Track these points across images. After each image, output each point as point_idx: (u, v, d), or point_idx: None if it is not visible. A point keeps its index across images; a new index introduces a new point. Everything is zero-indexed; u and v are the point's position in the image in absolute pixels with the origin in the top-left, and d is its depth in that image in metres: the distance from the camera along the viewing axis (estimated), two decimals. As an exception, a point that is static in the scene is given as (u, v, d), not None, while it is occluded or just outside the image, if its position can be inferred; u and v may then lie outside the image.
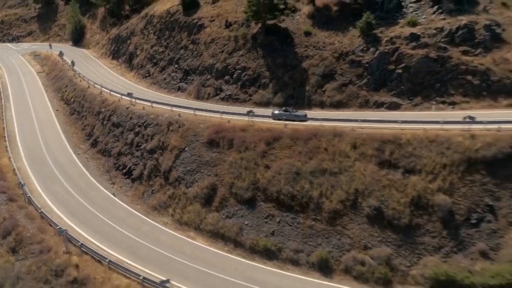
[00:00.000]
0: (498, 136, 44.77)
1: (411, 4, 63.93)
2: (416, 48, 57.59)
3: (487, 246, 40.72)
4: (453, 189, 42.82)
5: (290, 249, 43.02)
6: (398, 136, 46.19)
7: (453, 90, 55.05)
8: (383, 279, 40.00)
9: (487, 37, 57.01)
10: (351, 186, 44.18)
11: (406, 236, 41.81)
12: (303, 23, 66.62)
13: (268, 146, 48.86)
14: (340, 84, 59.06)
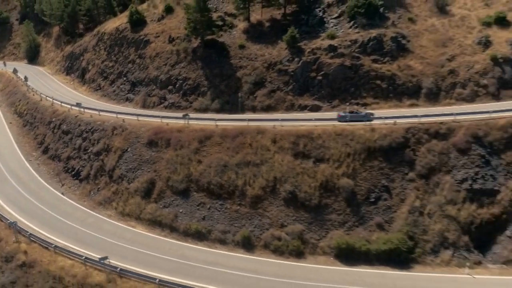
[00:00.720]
0: (393, 129, 53.71)
1: (332, 20, 73.31)
2: (333, 57, 66.56)
3: (383, 219, 49.03)
4: (355, 173, 51.08)
5: (218, 230, 49.74)
6: (311, 131, 54.29)
7: (365, 93, 64.05)
8: (296, 251, 47.29)
9: (393, 47, 66.78)
10: (271, 175, 51.64)
11: (316, 215, 49.46)
12: (238, 38, 74.64)
13: (201, 144, 55.84)
14: (270, 90, 67.05)
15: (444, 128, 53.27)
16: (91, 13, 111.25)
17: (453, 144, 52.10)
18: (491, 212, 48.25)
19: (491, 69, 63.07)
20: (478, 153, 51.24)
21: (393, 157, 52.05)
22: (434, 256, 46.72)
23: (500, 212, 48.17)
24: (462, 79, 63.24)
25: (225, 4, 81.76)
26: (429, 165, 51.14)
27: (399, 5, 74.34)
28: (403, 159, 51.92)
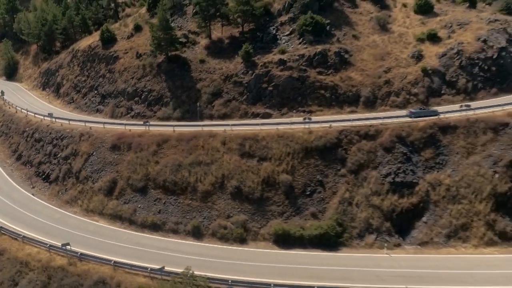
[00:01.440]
0: (328, 131, 61.54)
1: (284, 37, 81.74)
2: (283, 70, 74.69)
3: (316, 209, 56.36)
4: (294, 170, 58.50)
5: (172, 222, 56.40)
6: (256, 134, 61.82)
7: (311, 102, 72.05)
8: (240, 237, 54.13)
9: (337, 61, 75.27)
10: (219, 172, 58.74)
11: (258, 206, 56.55)
12: (200, 53, 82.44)
13: (159, 147, 62.83)
14: (226, 100, 74.62)
15: (372, 130, 61.29)
16: (67, 31, 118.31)
17: (380, 143, 60.07)
18: (410, 202, 55.97)
19: (422, 79, 71.90)
20: (401, 151, 59.24)
21: (327, 156, 59.71)
22: (359, 240, 54.02)
23: (418, 201, 55.94)
24: (396, 88, 71.86)
25: (189, 22, 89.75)
26: (359, 162, 58.90)
27: (345, 24, 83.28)
28: (336, 157, 59.63)
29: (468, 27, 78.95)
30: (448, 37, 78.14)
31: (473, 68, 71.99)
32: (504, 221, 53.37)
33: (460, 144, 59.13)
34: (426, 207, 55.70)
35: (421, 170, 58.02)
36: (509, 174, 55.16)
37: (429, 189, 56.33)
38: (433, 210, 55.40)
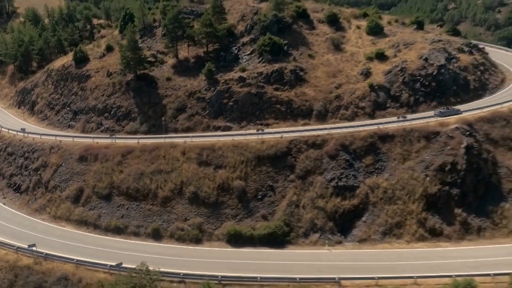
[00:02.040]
0: (279, 141, 67.85)
1: (245, 56, 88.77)
2: (243, 87, 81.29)
3: (267, 212, 62.17)
4: (247, 176, 64.42)
5: (133, 225, 61.47)
6: (213, 144, 67.79)
7: (268, 115, 78.53)
8: (195, 238, 59.48)
9: (292, 78, 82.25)
10: (178, 180, 64.29)
11: (214, 210, 62.13)
12: (167, 72, 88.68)
13: (123, 157, 68.21)
14: (189, 114, 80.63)
15: (319, 140, 67.83)
16: (43, 52, 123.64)
17: (326, 152, 66.54)
18: (351, 203, 62.19)
19: (369, 94, 79.12)
20: (344, 158, 65.74)
21: (278, 163, 65.89)
22: (305, 238, 59.85)
23: (358, 203, 62.21)
24: (345, 102, 78.89)
25: (158, 43, 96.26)
26: (306, 168, 65.16)
27: (302, 44, 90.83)
28: (286, 164, 65.83)
29: (413, 47, 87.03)
30: (394, 55, 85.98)
31: (415, 83, 79.51)
32: (433, 219, 59.88)
33: (397, 151, 65.96)
34: (366, 208, 61.95)
35: (362, 175, 64.48)
36: (439, 177, 61.94)
37: (368, 192, 62.70)
38: (371, 211, 61.67)
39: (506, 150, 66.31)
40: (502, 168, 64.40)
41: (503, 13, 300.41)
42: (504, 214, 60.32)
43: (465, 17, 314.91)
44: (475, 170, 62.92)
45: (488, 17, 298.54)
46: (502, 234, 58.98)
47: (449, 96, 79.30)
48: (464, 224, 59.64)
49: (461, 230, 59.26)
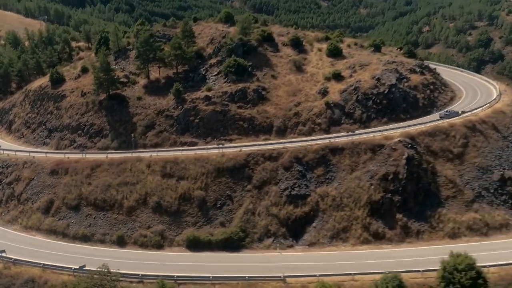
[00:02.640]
0: (238, 154, 73.77)
1: (212, 76, 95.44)
2: (208, 105, 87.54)
3: (225, 219, 67.65)
4: (207, 187, 70.01)
5: (100, 233, 66.29)
6: (177, 158, 73.42)
7: (231, 131, 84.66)
8: (157, 244, 64.48)
9: (255, 97, 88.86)
10: (143, 190, 69.58)
11: (175, 218, 67.39)
12: (138, 91, 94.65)
13: (92, 170, 73.34)
14: (158, 131, 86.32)
15: (275, 153, 73.96)
16: (22, 73, 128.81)
17: (281, 164, 72.61)
18: (303, 211, 68.02)
19: (325, 112, 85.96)
20: (297, 170, 71.84)
21: (236, 174, 71.70)
22: (259, 243, 65.30)
23: (309, 210, 68.07)
24: (303, 119, 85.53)
25: (131, 65, 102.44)
26: (262, 179, 71.05)
27: (266, 65, 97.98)
28: (243, 175, 71.66)
29: (368, 68, 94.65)
30: (350, 76, 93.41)
31: (367, 101, 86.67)
32: (377, 224, 65.95)
33: (346, 163, 72.35)
34: (316, 215, 67.82)
35: (314, 185, 70.55)
36: (382, 186, 68.33)
37: (319, 200, 68.66)
38: (321, 217, 67.55)
39: (445, 161, 73.22)
40: (441, 177, 71.16)
41: (474, 36, 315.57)
42: (441, 218, 66.76)
43: (438, 40, 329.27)
44: (416, 179, 69.54)
45: (460, 40, 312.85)
46: (438, 236, 65.27)
47: (399, 112, 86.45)
48: (404, 228, 65.84)
49: (401, 234, 65.39)
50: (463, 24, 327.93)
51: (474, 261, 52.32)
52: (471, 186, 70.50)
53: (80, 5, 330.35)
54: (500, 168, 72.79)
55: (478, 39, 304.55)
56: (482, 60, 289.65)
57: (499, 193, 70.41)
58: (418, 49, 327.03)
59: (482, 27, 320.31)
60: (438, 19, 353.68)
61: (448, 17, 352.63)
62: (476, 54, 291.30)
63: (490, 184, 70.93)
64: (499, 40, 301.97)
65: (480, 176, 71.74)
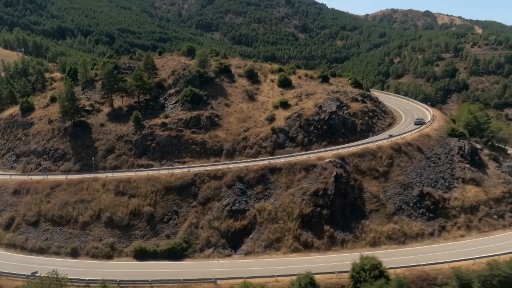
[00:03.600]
0: (186, 174, 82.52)
1: (170, 105, 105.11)
2: (164, 130, 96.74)
3: (170, 232, 75.72)
4: (156, 203, 78.35)
5: (55, 246, 73.68)
6: (130, 178, 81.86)
7: (185, 155, 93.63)
8: (107, 255, 71.99)
9: (207, 123, 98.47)
10: (97, 207, 77.56)
11: (125, 231, 75.26)
12: (101, 119, 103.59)
13: (52, 190, 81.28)
14: (117, 155, 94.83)
15: (220, 173, 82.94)
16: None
17: (224, 182, 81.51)
18: (242, 224, 76.52)
19: (271, 136, 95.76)
20: (239, 187, 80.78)
21: (183, 192, 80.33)
22: (200, 252, 73.31)
23: (247, 223, 76.61)
24: (251, 143, 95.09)
25: (97, 94, 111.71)
26: (207, 196, 79.72)
27: (221, 95, 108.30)
28: (190, 193, 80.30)
29: (313, 97, 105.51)
30: (296, 104, 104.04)
31: (309, 127, 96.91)
32: (307, 234, 74.72)
33: (283, 181, 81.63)
34: (253, 227, 76.38)
35: (253, 200, 79.42)
36: (313, 201, 77.51)
37: (256, 214, 77.38)
38: (258, 229, 76.11)
39: (371, 179, 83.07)
40: (366, 193, 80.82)
41: (441, 66, 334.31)
42: (364, 229, 75.94)
43: (408, 70, 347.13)
44: (343, 195, 79.05)
45: (427, 70, 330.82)
46: (361, 245, 74.22)
47: (338, 136, 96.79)
48: (331, 237, 74.77)
49: (328, 243, 74.26)
50: (431, 55, 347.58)
51: (379, 262, 61.51)
52: (393, 200, 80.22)
53: (61, 37, 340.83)
54: (420, 185, 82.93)
55: (445, 70, 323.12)
56: (448, 90, 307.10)
57: (418, 207, 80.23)
58: (389, 79, 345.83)
59: (448, 58, 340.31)
60: (408, 51, 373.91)
61: (418, 49, 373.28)
62: (443, 83, 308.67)
63: (410, 199, 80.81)
64: (464, 71, 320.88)
65: (402, 192, 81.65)
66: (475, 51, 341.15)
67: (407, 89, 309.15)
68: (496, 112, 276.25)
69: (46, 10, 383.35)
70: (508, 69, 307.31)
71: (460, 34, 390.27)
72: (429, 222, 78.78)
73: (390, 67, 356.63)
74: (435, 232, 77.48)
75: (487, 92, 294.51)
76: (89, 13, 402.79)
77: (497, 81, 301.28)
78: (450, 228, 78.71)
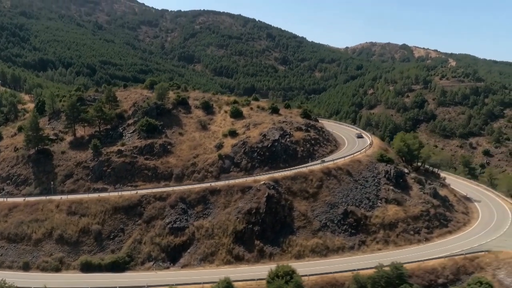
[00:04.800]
0: (133, 196, 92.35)
1: (128, 134, 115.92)
2: (120, 157, 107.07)
3: (115, 248, 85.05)
4: (104, 222, 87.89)
5: (9, 261, 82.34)
6: (82, 199, 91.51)
7: (138, 179, 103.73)
8: (56, 268, 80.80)
9: (160, 150, 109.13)
10: (50, 226, 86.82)
11: (74, 247, 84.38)
12: (64, 147, 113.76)
13: (10, 211, 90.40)
14: (75, 179, 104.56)
15: (165, 194, 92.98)
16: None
17: (168, 203, 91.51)
18: (181, 240, 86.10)
19: (217, 162, 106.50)
20: (181, 207, 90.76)
21: (130, 212, 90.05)
22: (141, 266, 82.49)
23: (186, 239, 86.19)
24: (199, 168, 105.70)
25: (61, 124, 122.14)
26: (151, 215, 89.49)
27: (176, 125, 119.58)
28: (136, 212, 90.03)
29: (260, 126, 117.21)
30: (243, 133, 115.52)
31: (253, 153, 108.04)
32: (238, 248, 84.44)
33: (221, 201, 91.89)
34: (192, 243, 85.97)
35: (193, 219, 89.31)
36: (246, 218, 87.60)
37: (195, 231, 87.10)
38: (195, 244, 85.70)
39: (302, 199, 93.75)
40: (296, 211, 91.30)
41: (411, 98, 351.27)
42: (290, 243, 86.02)
43: (380, 101, 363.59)
44: (274, 213, 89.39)
45: (398, 101, 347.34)
46: (287, 257, 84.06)
47: (279, 162, 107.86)
48: (260, 251, 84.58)
49: (257, 256, 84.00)
50: (402, 87, 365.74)
51: (292, 269, 71.42)
52: (319, 218, 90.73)
53: (42, 68, 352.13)
54: (345, 204, 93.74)
55: (414, 101, 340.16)
56: (417, 120, 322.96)
57: (341, 224, 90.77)
58: (363, 109, 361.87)
59: (418, 90, 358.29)
60: (381, 83, 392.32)
61: (390, 80, 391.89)
62: (412, 114, 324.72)
63: (335, 216, 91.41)
64: (432, 102, 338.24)
65: (328, 211, 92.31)
66: (443, 83, 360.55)
67: (378, 119, 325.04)
68: (461, 141, 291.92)
69: (29, 43, 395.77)
70: (473, 100, 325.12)
71: (430, 67, 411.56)
72: (351, 237, 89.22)
73: (363, 98, 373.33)
74: (355, 246, 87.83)
75: (453, 122, 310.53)
76: (72, 46, 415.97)
77: (463, 111, 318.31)
78: (369, 242, 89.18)
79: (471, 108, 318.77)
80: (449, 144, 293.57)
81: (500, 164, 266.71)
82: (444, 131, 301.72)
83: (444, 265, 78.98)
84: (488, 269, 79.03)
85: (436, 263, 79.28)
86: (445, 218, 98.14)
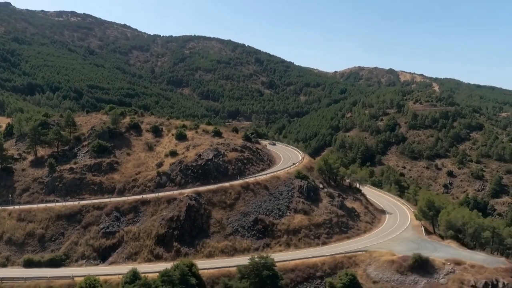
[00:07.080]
0: (75, 206, 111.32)
1: (82, 154, 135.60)
2: (71, 174, 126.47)
3: (55, 248, 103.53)
4: (47, 227, 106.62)
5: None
6: (32, 208, 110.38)
7: (85, 192, 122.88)
8: (2, 264, 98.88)
9: (107, 168, 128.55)
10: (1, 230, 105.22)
11: (20, 247, 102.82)
12: (25, 165, 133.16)
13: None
14: (31, 193, 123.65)
15: (102, 204, 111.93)
16: None
17: (105, 212, 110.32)
18: (112, 242, 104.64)
19: (155, 178, 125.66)
20: (115, 215, 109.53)
21: (71, 219, 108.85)
22: (75, 263, 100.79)
23: (116, 241, 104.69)
24: (139, 183, 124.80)
25: (25, 145, 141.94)
26: (89, 222, 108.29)
27: (126, 146, 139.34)
28: (76, 219, 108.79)
29: (198, 147, 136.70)
30: (182, 153, 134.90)
31: (187, 171, 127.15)
32: (159, 249, 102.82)
33: (150, 210, 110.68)
34: (120, 244, 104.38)
35: (124, 225, 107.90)
36: (167, 224, 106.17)
37: (124, 234, 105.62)
38: (124, 246, 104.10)
39: (219, 209, 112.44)
40: (213, 219, 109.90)
41: (384, 121, 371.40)
42: (204, 245, 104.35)
43: (355, 124, 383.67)
44: (192, 220, 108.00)
45: (372, 124, 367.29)
46: (199, 256, 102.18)
47: (210, 178, 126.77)
48: (177, 251, 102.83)
49: (174, 255, 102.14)
50: (377, 111, 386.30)
51: (191, 263, 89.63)
52: (232, 225, 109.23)
53: (30, 92, 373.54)
54: (256, 213, 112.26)
55: (387, 124, 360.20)
56: (389, 142, 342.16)
57: (251, 229, 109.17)
58: (339, 132, 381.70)
59: (392, 113, 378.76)
60: (358, 107, 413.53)
61: (367, 104, 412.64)
62: (383, 136, 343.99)
63: (246, 223, 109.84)
64: (404, 125, 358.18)
65: (241, 219, 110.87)
66: (416, 107, 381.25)
67: (351, 142, 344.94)
68: (428, 163, 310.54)
69: (19, 68, 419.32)
70: (442, 123, 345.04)
71: (406, 92, 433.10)
72: (258, 240, 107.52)
73: (340, 121, 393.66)
74: (259, 248, 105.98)
75: (422, 144, 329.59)
76: (61, 70, 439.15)
77: (432, 134, 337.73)
78: (273, 245, 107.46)
79: (440, 131, 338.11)
80: (416, 165, 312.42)
81: (462, 184, 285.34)
82: (413, 153, 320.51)
83: (324, 262, 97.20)
84: (362, 265, 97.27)
85: (318, 260, 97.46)
86: (346, 226, 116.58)
